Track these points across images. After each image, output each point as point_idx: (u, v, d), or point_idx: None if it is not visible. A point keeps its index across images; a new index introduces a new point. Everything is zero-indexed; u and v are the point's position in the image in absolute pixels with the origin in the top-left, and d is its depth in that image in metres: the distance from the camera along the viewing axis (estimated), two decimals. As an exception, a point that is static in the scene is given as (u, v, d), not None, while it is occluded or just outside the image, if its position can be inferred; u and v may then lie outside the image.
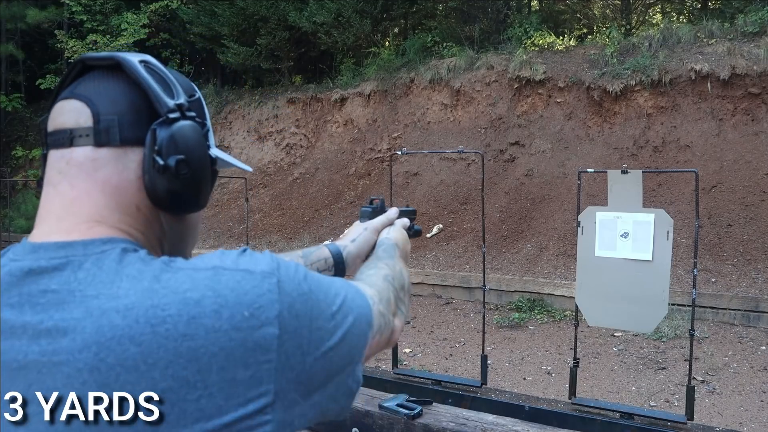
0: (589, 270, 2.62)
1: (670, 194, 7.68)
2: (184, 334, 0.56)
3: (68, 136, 0.66)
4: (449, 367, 5.36)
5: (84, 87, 0.68)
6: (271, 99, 12.51)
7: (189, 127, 0.68)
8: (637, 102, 8.96)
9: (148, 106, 0.67)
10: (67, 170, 0.66)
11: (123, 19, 12.99)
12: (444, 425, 2.21)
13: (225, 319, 0.57)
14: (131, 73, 0.67)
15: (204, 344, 0.56)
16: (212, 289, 0.59)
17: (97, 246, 0.62)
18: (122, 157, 0.66)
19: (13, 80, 15.47)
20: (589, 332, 5.81)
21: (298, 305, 0.62)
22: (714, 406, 4.39)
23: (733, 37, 8.83)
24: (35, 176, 13.38)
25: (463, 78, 10.25)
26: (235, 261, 0.62)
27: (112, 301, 0.57)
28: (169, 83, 0.69)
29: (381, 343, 0.78)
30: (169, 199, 0.67)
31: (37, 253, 0.63)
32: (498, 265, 7.51)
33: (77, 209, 0.65)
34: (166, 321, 0.56)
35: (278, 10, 11.86)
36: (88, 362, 0.55)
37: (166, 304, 0.57)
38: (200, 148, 0.69)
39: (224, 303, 0.58)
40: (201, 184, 0.70)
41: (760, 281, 6.23)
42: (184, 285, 0.59)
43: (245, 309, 0.58)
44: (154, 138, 0.66)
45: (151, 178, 0.66)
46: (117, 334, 0.55)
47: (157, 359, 0.55)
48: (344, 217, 9.64)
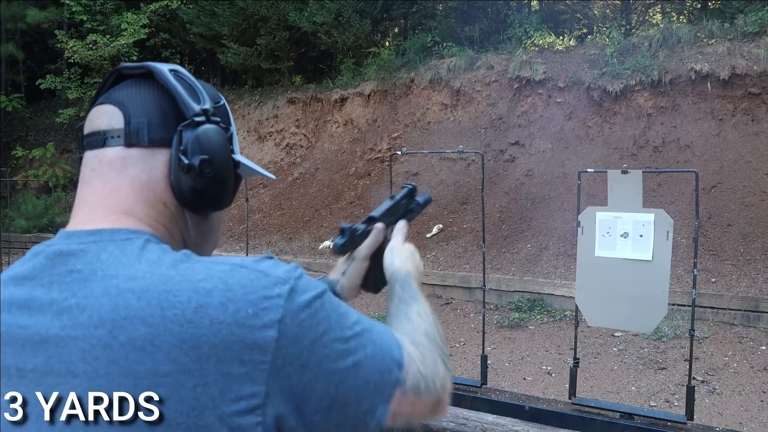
0: (589, 270, 2.62)
1: (670, 194, 7.68)
2: (190, 321, 0.58)
3: (102, 137, 0.71)
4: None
5: (118, 93, 0.73)
6: (271, 99, 12.51)
7: (213, 130, 0.72)
8: (637, 102, 8.96)
9: (176, 111, 0.72)
10: (99, 168, 0.71)
11: (123, 19, 12.99)
12: (444, 425, 2.21)
13: (230, 312, 0.59)
14: (161, 80, 0.72)
15: (206, 333, 0.58)
16: (224, 282, 0.61)
17: (123, 234, 0.67)
18: (150, 156, 0.71)
19: (13, 80, 15.47)
20: (589, 332, 5.81)
21: (304, 316, 0.62)
22: (714, 406, 4.39)
23: (733, 37, 8.83)
24: (35, 176, 13.40)
25: (463, 78, 10.25)
26: (256, 262, 0.65)
27: (129, 282, 0.61)
28: (196, 90, 0.74)
29: (420, 408, 0.71)
30: (193, 196, 0.71)
31: (70, 238, 0.67)
32: (498, 265, 7.51)
33: (108, 202, 0.69)
34: (175, 306, 0.59)
35: (278, 10, 11.86)
36: (102, 338, 0.58)
37: (178, 290, 0.60)
38: (223, 150, 0.73)
39: (232, 297, 0.60)
40: (223, 184, 0.74)
41: (760, 281, 6.23)
42: (199, 275, 0.61)
43: (250, 307, 0.60)
44: (180, 139, 0.71)
45: (176, 177, 0.71)
46: (130, 314, 0.59)
47: (162, 342, 0.57)
48: (344, 217, 9.64)
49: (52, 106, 14.98)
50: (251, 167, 0.82)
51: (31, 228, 11.79)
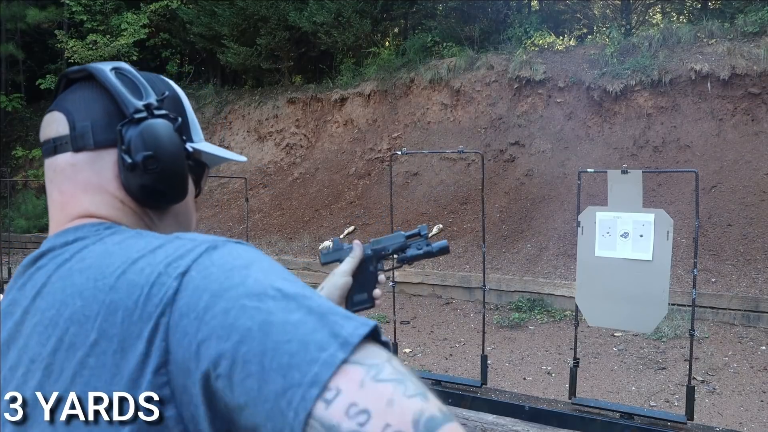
0: (589, 270, 2.62)
1: (670, 194, 7.68)
2: (112, 287, 0.59)
3: (52, 146, 0.72)
4: (449, 367, 5.35)
5: (64, 99, 0.73)
6: (271, 99, 12.50)
7: (157, 125, 0.71)
8: (637, 102, 8.96)
9: (119, 110, 0.71)
10: (53, 177, 0.72)
11: (123, 19, 12.99)
12: (444, 425, 2.21)
13: (145, 274, 0.58)
14: (101, 80, 0.71)
15: (123, 297, 0.58)
16: (153, 251, 0.61)
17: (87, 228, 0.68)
18: (98, 159, 0.71)
19: (13, 80, 15.46)
20: (589, 332, 5.81)
21: (215, 269, 0.57)
22: (714, 406, 4.38)
23: (733, 37, 8.83)
24: (35, 176, 13.39)
25: (463, 78, 10.25)
26: (194, 234, 0.65)
27: (79, 263, 0.63)
28: (139, 85, 0.73)
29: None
30: (144, 193, 0.71)
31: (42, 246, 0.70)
32: (498, 265, 7.51)
33: (69, 210, 0.71)
34: (106, 276, 0.60)
35: (278, 10, 11.86)
36: (52, 318, 0.60)
37: (113, 262, 0.61)
38: (170, 143, 0.72)
39: (152, 261, 0.59)
40: (173, 177, 0.73)
41: (760, 281, 6.23)
42: (136, 246, 0.62)
43: (164, 266, 0.59)
44: (122, 138, 0.70)
45: (125, 176, 0.71)
46: (73, 291, 0.60)
47: (91, 312, 0.58)
48: (344, 217, 9.64)
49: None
50: (214, 153, 0.81)
51: (31, 228, 11.79)
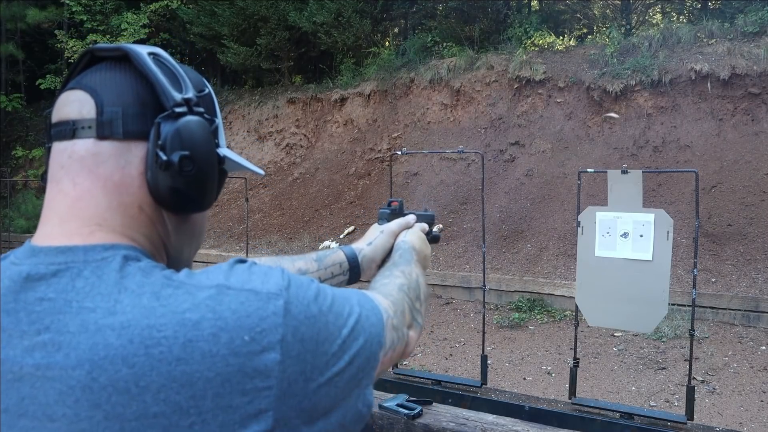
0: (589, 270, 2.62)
1: (670, 194, 7.68)
2: (178, 358, 0.53)
3: (71, 128, 0.63)
4: (449, 367, 5.36)
5: (90, 78, 0.65)
6: (271, 99, 12.51)
7: (196, 123, 0.65)
8: (637, 102, 8.96)
9: (154, 100, 0.64)
10: (69, 165, 0.63)
11: (123, 19, 12.99)
12: (444, 425, 2.21)
13: (223, 343, 0.54)
14: (139, 64, 0.64)
15: (199, 369, 0.53)
16: (213, 310, 0.56)
17: (98, 252, 0.60)
18: (125, 151, 0.63)
19: (13, 80, 15.48)
20: (589, 332, 5.81)
21: (303, 328, 0.58)
22: (714, 406, 4.39)
23: (733, 37, 8.83)
24: (35, 176, 13.38)
25: (463, 78, 10.26)
26: (241, 279, 0.59)
27: (108, 317, 0.55)
28: (178, 77, 0.67)
29: (394, 358, 0.75)
30: (172, 197, 0.64)
31: (37, 257, 0.61)
32: (498, 265, 7.51)
33: (79, 211, 0.63)
34: (161, 343, 0.54)
35: (278, 10, 11.87)
36: (80, 380, 0.53)
37: (163, 324, 0.55)
38: (207, 145, 0.66)
39: (224, 326, 0.55)
40: (206, 183, 0.66)
41: (760, 281, 6.23)
42: (183, 304, 0.56)
43: (246, 333, 0.55)
44: (158, 132, 0.63)
45: (153, 174, 0.63)
46: (110, 354, 0.53)
47: (150, 382, 0.53)
48: (344, 217, 9.64)
49: (52, 106, 14.97)
50: (238, 162, 0.74)
51: (31, 228, 11.79)
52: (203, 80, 0.72)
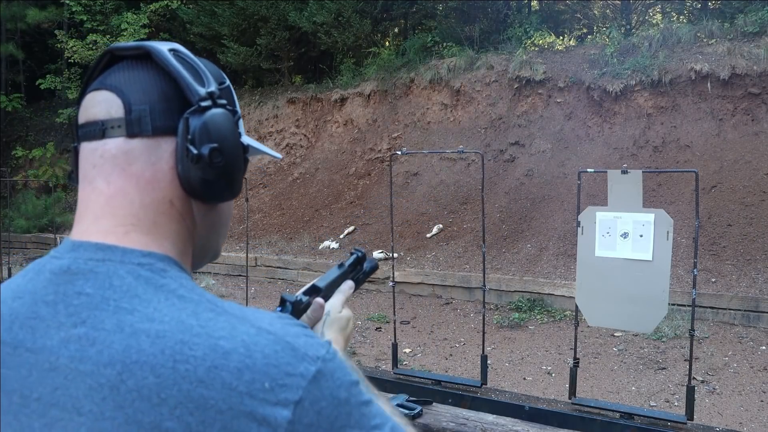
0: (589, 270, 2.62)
1: (670, 194, 7.68)
2: (201, 380, 0.54)
3: (100, 128, 0.65)
4: (449, 367, 5.36)
5: (114, 77, 0.66)
6: (271, 99, 12.51)
7: (221, 115, 0.67)
8: (637, 102, 8.96)
9: (178, 95, 0.66)
10: (101, 164, 0.65)
11: (123, 19, 13.00)
12: (444, 425, 2.22)
13: (244, 381, 0.55)
14: (161, 61, 0.66)
15: (215, 397, 0.54)
16: (246, 346, 0.56)
17: (135, 256, 0.62)
18: (155, 147, 0.65)
19: (13, 80, 15.49)
20: (589, 332, 5.81)
21: (324, 404, 0.57)
22: (714, 406, 4.39)
23: (733, 37, 8.83)
24: (35, 176, 13.39)
25: (463, 78, 10.26)
26: (288, 331, 0.59)
27: (145, 323, 0.56)
28: (200, 71, 0.68)
29: None
30: (204, 188, 0.66)
31: (77, 252, 0.62)
32: (498, 265, 7.51)
33: (113, 209, 0.64)
34: (189, 360, 0.54)
35: (278, 10, 11.87)
36: (110, 379, 0.55)
37: (195, 343, 0.55)
38: (233, 136, 0.68)
39: (251, 365, 0.55)
40: (234, 172, 0.69)
41: (760, 281, 6.23)
42: (221, 331, 0.57)
43: (267, 380, 0.55)
44: (187, 127, 0.65)
45: (184, 168, 0.65)
46: (141, 359, 0.55)
47: (169, 396, 0.54)
48: (344, 217, 9.64)
49: (52, 106, 15.00)
50: (258, 148, 0.77)
51: (31, 228, 11.80)
52: (221, 72, 0.74)
